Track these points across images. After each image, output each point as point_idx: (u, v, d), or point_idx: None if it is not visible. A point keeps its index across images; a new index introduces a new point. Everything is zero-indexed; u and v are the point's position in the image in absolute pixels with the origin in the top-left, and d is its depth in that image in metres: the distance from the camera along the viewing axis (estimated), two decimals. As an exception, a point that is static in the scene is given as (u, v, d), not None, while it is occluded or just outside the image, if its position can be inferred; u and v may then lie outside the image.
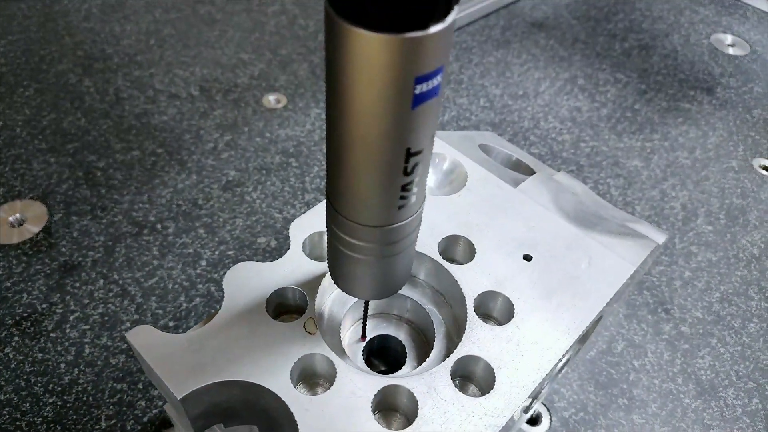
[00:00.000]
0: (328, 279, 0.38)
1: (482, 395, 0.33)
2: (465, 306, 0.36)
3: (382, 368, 0.41)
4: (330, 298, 0.39)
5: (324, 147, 0.67)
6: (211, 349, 0.33)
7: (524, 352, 0.34)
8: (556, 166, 0.68)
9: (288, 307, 0.37)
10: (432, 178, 0.44)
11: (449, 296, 0.39)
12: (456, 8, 0.21)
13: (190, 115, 0.69)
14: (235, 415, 0.36)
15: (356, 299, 0.39)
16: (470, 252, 0.39)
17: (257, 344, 0.34)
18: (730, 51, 0.87)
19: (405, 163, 0.24)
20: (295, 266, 0.38)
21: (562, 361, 0.39)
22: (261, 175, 0.64)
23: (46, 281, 0.53)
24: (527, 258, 0.39)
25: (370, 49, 0.20)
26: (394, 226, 0.27)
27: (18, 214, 0.58)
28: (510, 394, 0.32)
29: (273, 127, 0.69)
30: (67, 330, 0.50)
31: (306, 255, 0.39)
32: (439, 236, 0.40)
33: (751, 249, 0.62)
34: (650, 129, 0.74)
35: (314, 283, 0.37)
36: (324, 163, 0.66)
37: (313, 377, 0.35)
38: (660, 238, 0.45)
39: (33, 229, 0.57)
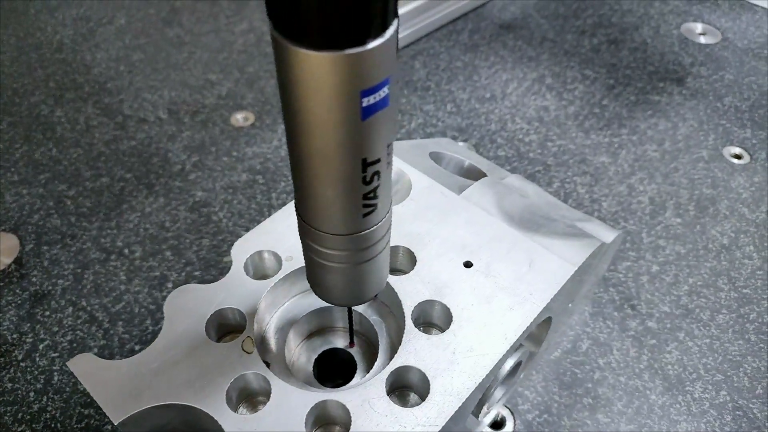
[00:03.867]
0: (270, 298, 0.39)
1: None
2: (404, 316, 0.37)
3: (338, 382, 0.41)
4: (275, 316, 0.40)
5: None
6: (148, 373, 0.34)
7: (459, 360, 0.34)
8: (522, 168, 0.68)
9: (229, 327, 0.38)
10: (377, 190, 0.45)
11: (392, 306, 0.39)
12: (395, 23, 0.22)
13: (158, 139, 0.70)
14: (181, 436, 0.36)
15: (299, 317, 0.40)
16: (411, 261, 0.40)
17: (194, 366, 0.34)
18: (702, 40, 0.87)
19: (363, 172, 0.25)
20: (236, 286, 0.38)
21: (508, 366, 0.39)
22: (228, 194, 0.64)
23: (17, 311, 0.54)
24: (468, 265, 0.39)
25: (313, 67, 0.21)
26: (364, 233, 0.28)
27: (-10, 247, 0.59)
28: (443, 403, 0.33)
29: (240, 145, 0.70)
30: (37, 358, 0.51)
31: (248, 275, 0.39)
32: (381, 248, 0.40)
33: (721, 239, 0.62)
34: (618, 124, 0.74)
35: (254, 302, 0.37)
36: (290, 177, 0.66)
37: (252, 396, 0.35)
38: (609, 236, 0.45)
39: (5, 260, 0.58)
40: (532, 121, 0.74)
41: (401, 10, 0.80)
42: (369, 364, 0.39)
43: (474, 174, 0.51)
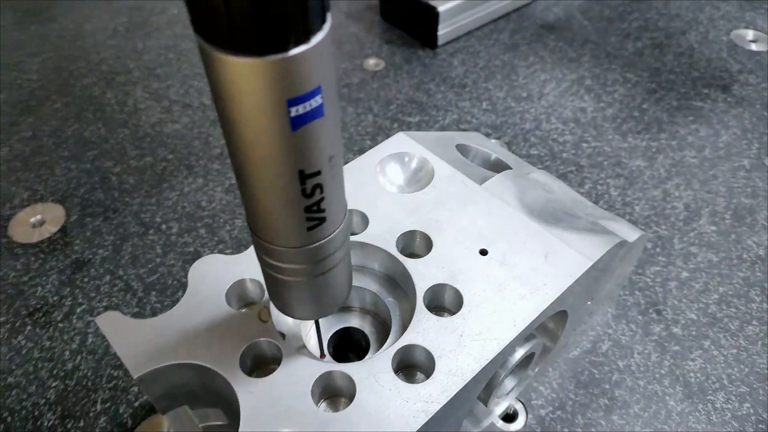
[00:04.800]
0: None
1: (422, 382, 0.34)
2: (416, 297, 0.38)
3: (351, 359, 0.42)
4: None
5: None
6: (169, 333, 0.36)
7: (466, 343, 0.35)
8: (554, 167, 0.68)
9: (249, 298, 0.39)
10: (400, 176, 0.46)
11: (407, 289, 0.40)
12: (325, 28, 0.21)
13: (201, 123, 0.73)
14: (196, 398, 0.38)
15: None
16: (428, 246, 0.41)
17: (212, 331, 0.36)
18: (752, 47, 0.84)
19: (302, 185, 0.25)
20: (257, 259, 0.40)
21: (518, 355, 0.40)
22: (262, 178, 0.66)
23: (58, 276, 0.57)
24: (483, 252, 0.40)
25: (235, 74, 0.21)
26: (313, 246, 0.28)
27: (39, 216, 0.63)
28: (446, 382, 0.33)
29: (277, 132, 0.72)
30: (74, 320, 0.54)
31: (270, 249, 0.41)
32: (399, 231, 0.41)
33: (757, 250, 0.60)
34: (657, 128, 0.72)
35: (272, 274, 0.39)
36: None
37: (265, 364, 0.37)
38: (632, 235, 0.45)
39: (51, 229, 0.62)
40: (567, 121, 0.74)
41: (442, 7, 0.81)
42: (382, 344, 0.40)
43: (500, 168, 0.51)
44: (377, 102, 0.76)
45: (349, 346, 0.43)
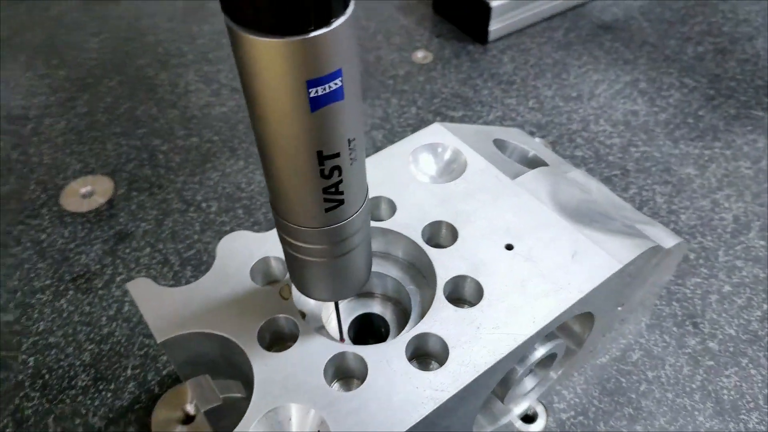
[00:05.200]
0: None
1: (434, 371, 0.34)
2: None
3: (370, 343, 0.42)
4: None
5: (365, 140, 0.70)
6: (194, 303, 0.37)
7: (483, 335, 0.35)
8: (598, 170, 0.66)
9: (272, 275, 0.40)
10: (433, 167, 0.46)
11: (429, 278, 0.40)
12: (348, 13, 0.21)
13: (246, 108, 0.75)
14: (217, 367, 0.39)
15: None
16: (453, 237, 0.40)
17: (235, 304, 0.37)
18: (825, 57, 0.80)
19: (320, 165, 0.25)
20: (284, 238, 0.41)
21: (538, 354, 0.39)
22: (302, 163, 0.67)
23: (102, 246, 0.60)
24: (509, 247, 0.39)
25: (258, 53, 0.21)
26: (331, 227, 0.28)
27: (89, 187, 0.66)
28: (459, 372, 0.33)
29: (321, 120, 0.72)
30: (113, 289, 0.56)
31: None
32: (426, 221, 0.41)
33: (810, 268, 0.57)
34: (712, 136, 0.69)
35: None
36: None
37: (283, 340, 0.37)
38: (669, 242, 0.43)
39: (99, 200, 0.65)
40: (617, 124, 0.71)
41: (495, 3, 0.80)
42: (401, 331, 0.40)
43: (537, 165, 0.50)
44: (422, 95, 0.76)
45: (369, 332, 0.43)
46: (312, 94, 0.23)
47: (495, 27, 0.82)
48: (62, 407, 0.48)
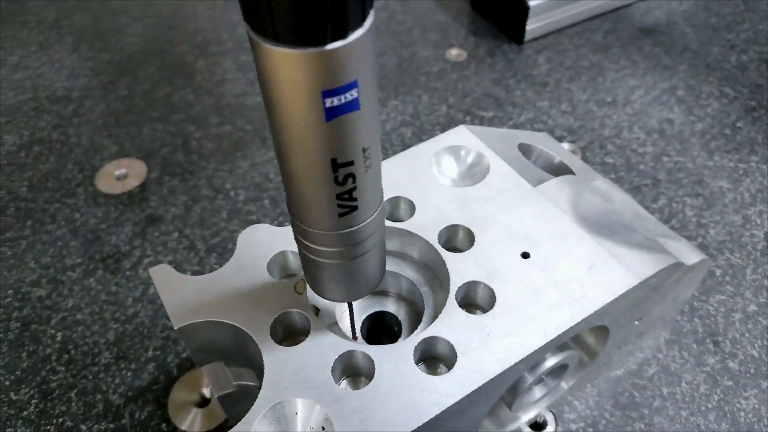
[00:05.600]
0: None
1: (439, 375, 0.34)
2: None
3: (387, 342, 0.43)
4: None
5: (393, 137, 0.70)
6: (212, 292, 0.38)
7: (492, 343, 0.35)
8: (628, 179, 0.65)
9: (289, 269, 0.41)
10: (455, 170, 0.46)
11: (443, 281, 0.40)
12: (366, 25, 0.22)
13: (280, 98, 0.76)
14: (230, 356, 0.40)
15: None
16: (470, 242, 0.40)
17: (251, 295, 0.38)
18: None
19: (334, 173, 0.26)
20: (303, 234, 0.41)
21: (549, 364, 0.39)
22: (330, 157, 0.68)
23: (132, 228, 0.62)
24: (525, 255, 0.39)
25: (275, 62, 0.22)
26: (344, 231, 0.29)
27: (124, 170, 0.68)
28: (465, 378, 0.33)
29: (351, 114, 0.73)
30: (140, 271, 0.58)
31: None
32: (444, 224, 0.41)
33: (843, 292, 0.55)
34: (749, 150, 0.67)
35: (314, 250, 0.40)
36: (390, 151, 0.69)
37: (295, 334, 0.38)
38: (691, 258, 0.43)
39: (133, 183, 0.67)
40: (651, 132, 0.70)
41: (533, 2, 0.79)
42: (414, 331, 0.41)
43: (561, 172, 0.50)
44: (453, 93, 0.76)
45: (383, 330, 0.44)
46: (327, 104, 0.23)
47: (532, 27, 0.81)
48: (85, 383, 0.50)
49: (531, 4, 0.79)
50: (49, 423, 0.48)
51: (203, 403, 0.49)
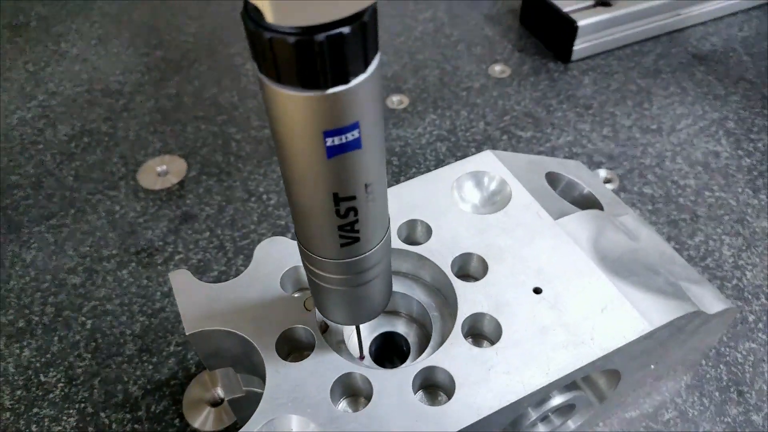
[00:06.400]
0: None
1: (434, 405, 0.34)
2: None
3: (388, 364, 0.43)
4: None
5: (428, 151, 0.70)
6: (225, 302, 0.39)
7: (492, 378, 0.35)
8: (666, 211, 0.63)
9: (302, 284, 0.42)
10: (476, 196, 0.45)
11: (451, 308, 0.40)
12: (369, 71, 0.22)
13: (320, 105, 0.77)
14: (239, 363, 0.41)
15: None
16: (483, 271, 0.40)
17: (262, 308, 0.39)
18: None
19: (336, 206, 0.27)
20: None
21: (554, 402, 0.39)
22: (362, 167, 0.69)
23: (168, 224, 0.64)
24: (537, 290, 0.39)
25: (280, 102, 0.23)
26: (346, 261, 0.29)
27: (165, 166, 0.70)
28: (460, 413, 0.33)
29: (387, 125, 0.73)
30: (171, 266, 0.60)
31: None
32: (458, 251, 0.41)
33: None
34: (800, 190, 0.64)
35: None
36: (423, 164, 0.69)
37: (301, 350, 0.39)
38: (714, 307, 0.41)
39: (173, 180, 0.69)
40: (695, 164, 0.68)
41: (582, 22, 0.77)
42: (420, 354, 0.41)
43: (588, 204, 0.49)
44: (493, 110, 0.75)
45: (392, 350, 0.44)
46: (328, 143, 0.24)
47: (580, 46, 0.80)
48: (108, 372, 0.52)
49: (580, 24, 0.77)
50: (72, 407, 0.50)
51: (217, 403, 0.51)
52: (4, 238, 0.63)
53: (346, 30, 0.21)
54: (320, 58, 0.21)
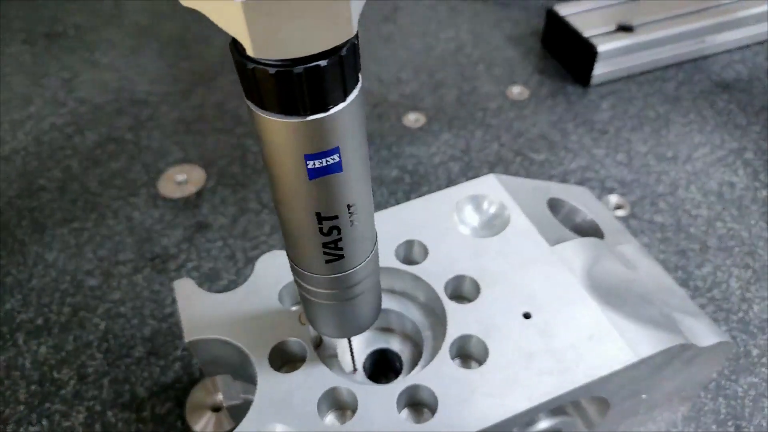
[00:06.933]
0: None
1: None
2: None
3: (381, 380, 0.44)
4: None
5: (440, 170, 0.71)
6: (224, 312, 0.41)
7: (475, 400, 0.35)
8: (675, 240, 0.63)
9: (298, 298, 0.43)
10: (476, 220, 0.46)
11: (443, 328, 0.41)
12: (348, 100, 0.24)
13: (337, 121, 0.78)
14: (236, 371, 0.43)
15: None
16: (475, 293, 0.41)
17: (258, 320, 0.40)
18: None
19: (319, 224, 0.28)
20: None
21: (540, 427, 0.39)
22: (374, 184, 0.70)
23: (183, 232, 0.66)
24: (527, 316, 0.39)
25: (264, 126, 0.24)
26: (332, 276, 0.31)
27: (185, 175, 0.73)
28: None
29: (402, 143, 0.75)
30: (183, 273, 0.62)
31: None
32: (452, 273, 0.42)
33: None
34: (816, 224, 0.63)
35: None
36: (434, 183, 0.70)
37: (293, 362, 0.40)
38: (706, 340, 0.41)
39: (192, 189, 0.71)
40: (709, 194, 0.67)
41: (602, 47, 0.78)
42: (412, 370, 0.42)
43: (588, 232, 0.49)
44: (508, 131, 0.76)
45: (386, 365, 0.45)
46: (310, 166, 0.25)
47: (600, 71, 0.80)
48: (117, 372, 0.54)
49: (600, 49, 0.78)
50: (81, 405, 0.53)
51: (218, 408, 0.52)
52: (29, 238, 0.66)
53: (323, 63, 0.22)
54: (299, 88, 0.22)
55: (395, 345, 0.44)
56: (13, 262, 0.64)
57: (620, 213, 0.65)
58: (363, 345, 0.44)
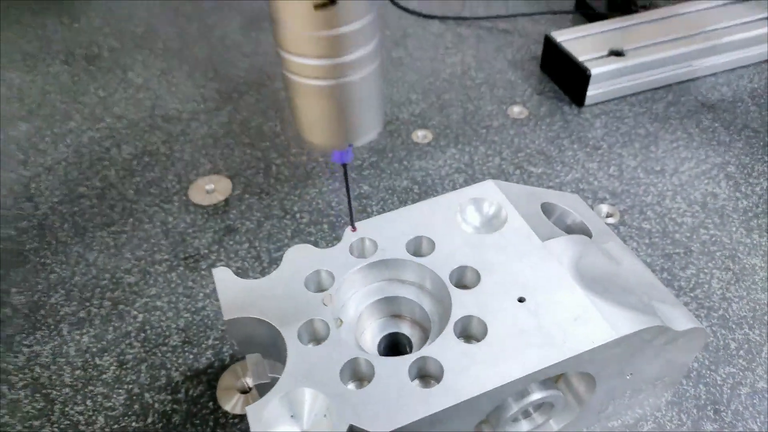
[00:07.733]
0: (358, 275, 0.49)
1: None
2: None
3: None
4: (359, 292, 0.50)
5: (446, 182, 0.78)
6: (257, 295, 0.47)
7: (474, 368, 0.41)
8: (661, 245, 0.68)
9: (322, 285, 0.49)
10: (477, 219, 0.52)
11: (448, 311, 0.47)
12: None
13: (352, 136, 0.85)
14: (267, 349, 0.49)
15: (374, 299, 0.49)
16: (476, 282, 0.47)
17: (287, 301, 0.46)
18: None
19: None
20: (338, 257, 0.50)
21: (532, 398, 0.45)
22: (386, 193, 0.76)
23: (213, 235, 0.73)
24: (521, 300, 0.45)
25: None
26: (323, 34, 0.27)
27: (213, 185, 0.79)
28: (445, 395, 0.40)
29: (412, 157, 0.81)
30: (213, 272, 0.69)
31: (351, 253, 0.50)
32: (456, 264, 0.48)
33: None
34: (792, 231, 0.69)
35: (345, 271, 0.48)
36: (440, 190, 0.76)
37: (318, 339, 0.46)
38: (680, 325, 0.47)
39: (219, 197, 0.78)
40: (693, 204, 0.73)
41: (595, 71, 0.84)
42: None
43: (578, 231, 0.55)
44: (509, 147, 0.82)
45: (397, 347, 0.51)
46: None
47: (593, 92, 0.87)
48: (154, 359, 0.60)
49: (593, 72, 0.84)
50: (121, 388, 0.59)
51: (245, 390, 0.58)
52: (72, 240, 0.73)
53: None
54: None
55: (405, 329, 0.50)
56: (56, 261, 0.71)
57: (611, 221, 0.71)
58: (377, 330, 0.50)
